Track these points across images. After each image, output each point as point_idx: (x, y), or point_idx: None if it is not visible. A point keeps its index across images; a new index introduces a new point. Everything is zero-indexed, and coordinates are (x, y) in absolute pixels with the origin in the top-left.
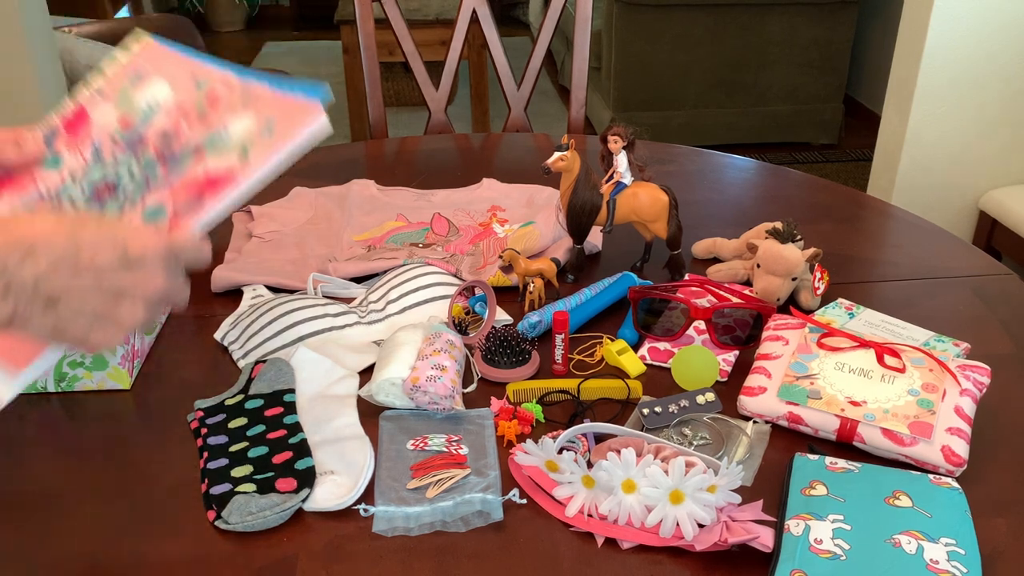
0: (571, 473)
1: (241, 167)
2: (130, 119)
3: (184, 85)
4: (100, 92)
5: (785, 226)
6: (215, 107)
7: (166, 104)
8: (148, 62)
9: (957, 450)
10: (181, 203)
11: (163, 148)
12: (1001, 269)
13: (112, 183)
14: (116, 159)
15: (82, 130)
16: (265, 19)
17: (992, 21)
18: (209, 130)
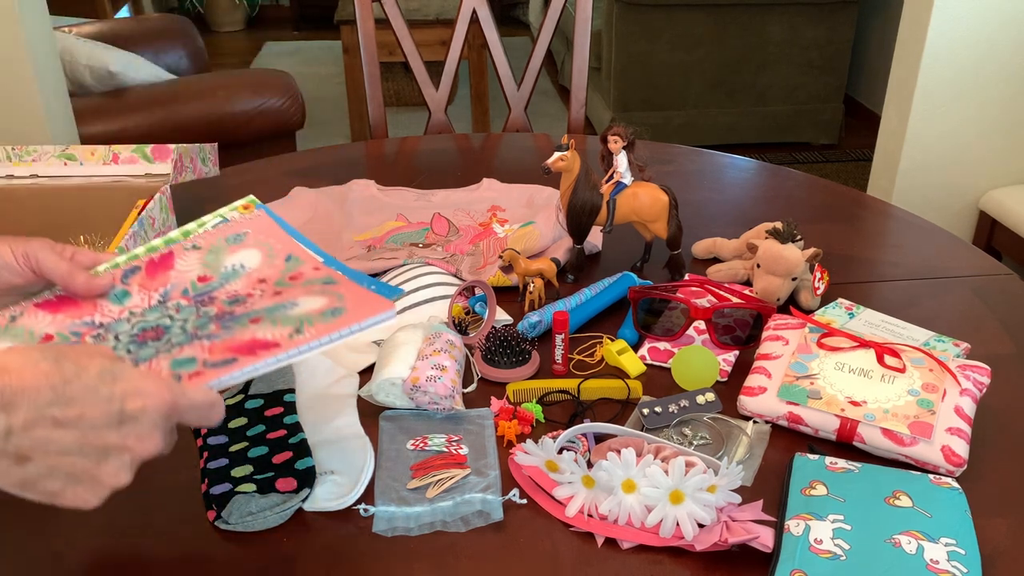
0: (571, 473)
1: (290, 340)
2: (210, 277)
3: (276, 260)
4: (195, 246)
5: (785, 226)
6: (295, 283)
7: (250, 272)
8: (254, 229)
9: (957, 450)
10: (214, 359)
11: (226, 309)
12: (1001, 269)
13: (162, 329)
14: (178, 309)
15: (161, 275)
16: (265, 19)
17: (992, 21)
18: (279, 301)
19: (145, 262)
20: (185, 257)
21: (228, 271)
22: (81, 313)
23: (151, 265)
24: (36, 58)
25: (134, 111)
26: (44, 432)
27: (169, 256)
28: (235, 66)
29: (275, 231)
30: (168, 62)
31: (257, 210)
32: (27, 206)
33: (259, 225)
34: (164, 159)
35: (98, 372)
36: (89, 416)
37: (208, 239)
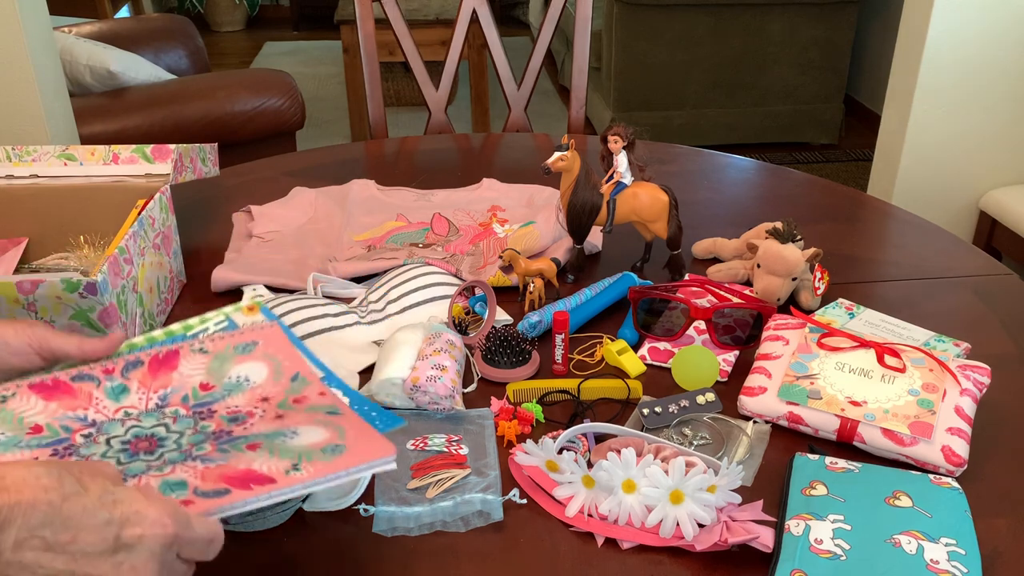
0: (571, 473)
1: (286, 476)
2: (212, 386)
3: (281, 378)
4: (203, 349)
5: (785, 226)
6: (298, 407)
7: (254, 387)
8: (264, 341)
9: (957, 450)
10: (206, 487)
11: (225, 427)
12: (1001, 269)
13: (155, 440)
14: (176, 418)
15: (163, 375)
16: (265, 19)
17: (992, 21)
18: (278, 427)
19: (149, 358)
20: (190, 359)
21: (232, 382)
22: (75, 404)
23: (155, 362)
24: (36, 58)
25: (134, 111)
26: (33, 555)
27: (174, 355)
28: (235, 66)
29: (285, 346)
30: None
31: (269, 321)
32: (27, 206)
33: (270, 337)
34: (164, 159)
35: (99, 493)
36: (82, 541)
37: (217, 344)
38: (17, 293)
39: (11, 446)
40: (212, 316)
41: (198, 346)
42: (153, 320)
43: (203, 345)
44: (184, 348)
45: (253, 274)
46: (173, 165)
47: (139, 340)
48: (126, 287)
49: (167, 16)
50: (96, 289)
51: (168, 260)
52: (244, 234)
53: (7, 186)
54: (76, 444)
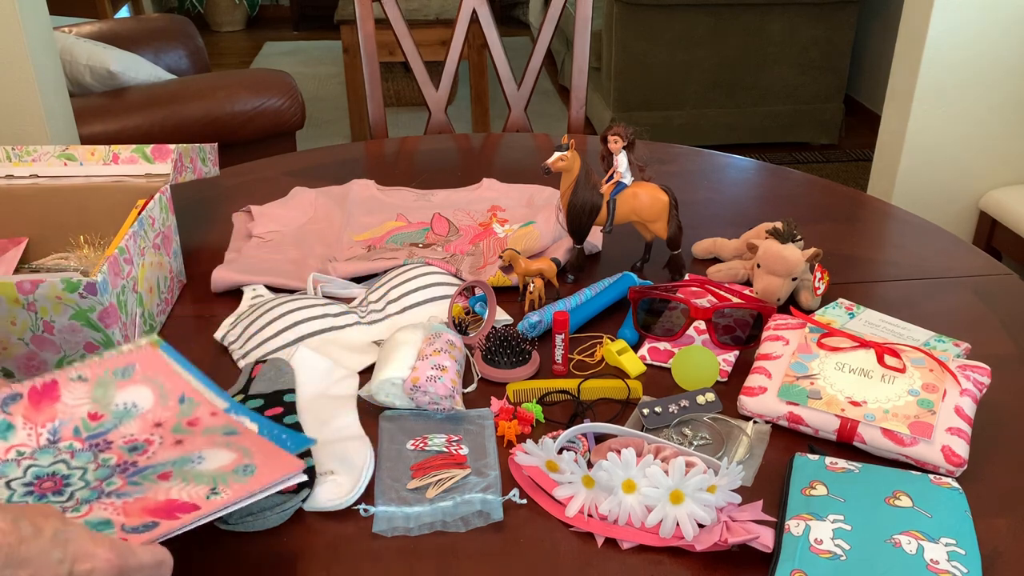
0: (571, 473)
1: (208, 501)
2: (100, 415)
3: (168, 401)
4: (81, 376)
5: (785, 226)
6: (195, 430)
7: (144, 413)
8: (141, 364)
9: (957, 450)
10: (132, 522)
11: (127, 459)
12: (1001, 269)
13: (60, 479)
14: (73, 453)
15: (46, 407)
16: (265, 19)
17: (992, 21)
18: (181, 453)
19: (27, 390)
20: (71, 389)
21: (120, 410)
22: None
23: (34, 394)
24: (36, 58)
25: (134, 111)
26: None
27: (53, 386)
28: (235, 66)
29: (163, 368)
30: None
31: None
32: (27, 206)
33: (146, 360)
34: (164, 159)
35: (52, 534)
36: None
37: (94, 370)
38: (17, 293)
39: None
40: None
41: (75, 374)
42: (153, 320)
43: (80, 372)
44: (62, 377)
45: (253, 274)
46: (173, 165)
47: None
48: (126, 287)
49: (167, 16)
50: (96, 289)
51: (168, 260)
52: (244, 234)
53: (7, 186)
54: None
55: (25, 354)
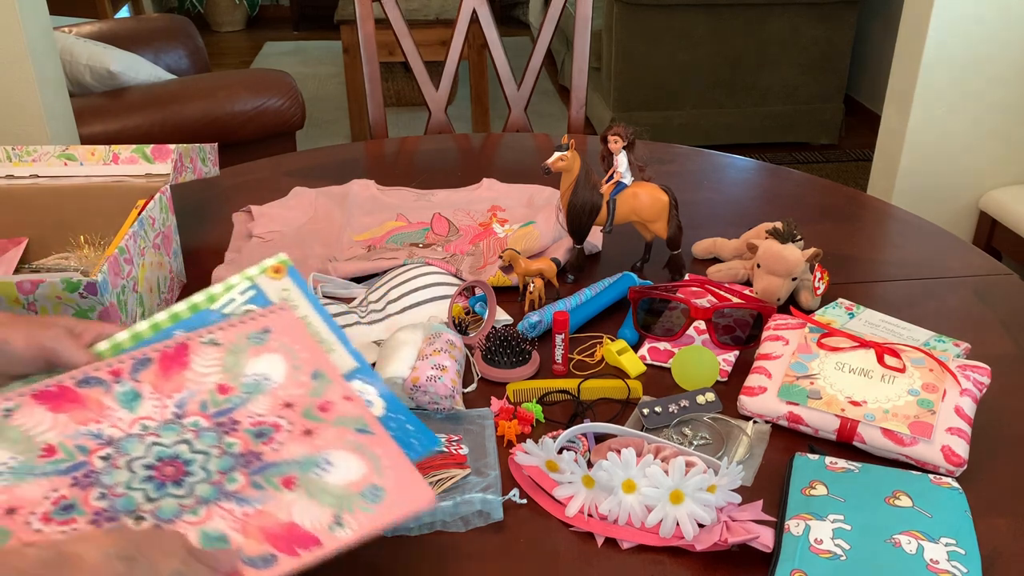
0: (571, 473)
1: (331, 534)
2: (230, 387)
3: (301, 375)
4: (214, 340)
5: (785, 226)
6: (326, 419)
7: (274, 388)
8: (276, 328)
9: (957, 450)
10: (252, 551)
11: (252, 447)
12: (1001, 269)
13: (181, 464)
14: (197, 432)
15: (175, 374)
16: (265, 19)
17: (992, 21)
18: (309, 452)
19: (158, 354)
20: (202, 354)
21: (250, 382)
22: (86, 417)
23: (165, 360)
24: (36, 58)
25: (134, 111)
26: None
27: (184, 350)
28: (235, 66)
29: (299, 332)
30: (168, 62)
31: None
32: (27, 206)
33: (283, 323)
34: (164, 159)
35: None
36: None
37: (228, 335)
38: (17, 293)
39: (25, 474)
40: (236, 282)
41: (208, 337)
42: None
43: (214, 336)
44: (193, 342)
45: None
46: (173, 165)
47: (143, 327)
48: (126, 287)
49: (167, 16)
50: (96, 289)
51: (168, 260)
52: (244, 234)
53: (7, 186)
54: (96, 470)
55: None
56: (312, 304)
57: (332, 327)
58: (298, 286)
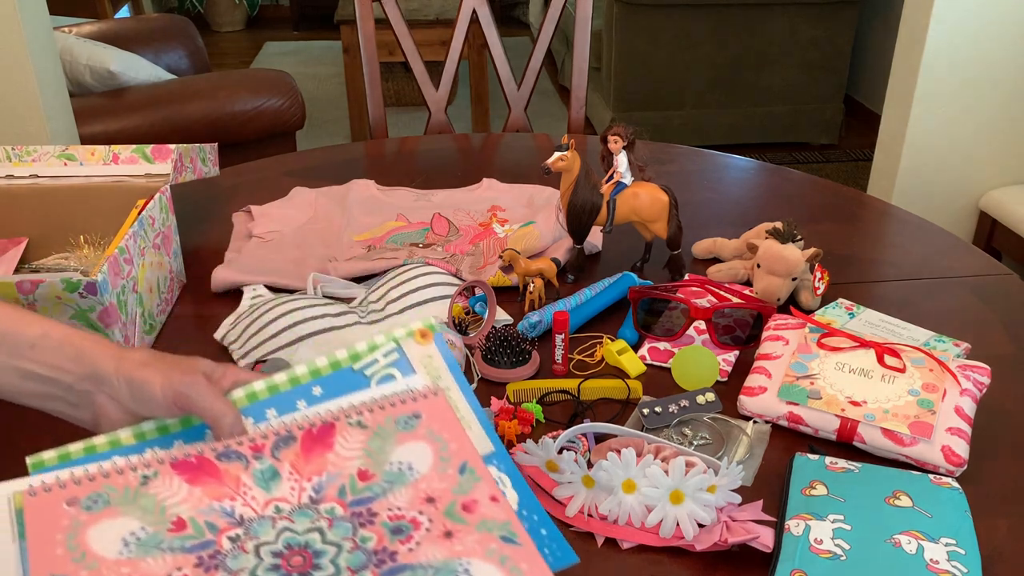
0: (571, 473)
1: None
2: (372, 475)
3: (447, 468)
4: (361, 422)
5: (785, 226)
6: (469, 520)
7: (417, 480)
8: (427, 413)
9: (957, 450)
10: None
11: (387, 544)
12: (1001, 269)
13: (310, 555)
14: (332, 521)
15: (317, 456)
16: (265, 19)
17: (992, 21)
18: (447, 556)
19: (302, 432)
20: (347, 436)
21: (393, 471)
22: (221, 492)
23: (308, 439)
24: (36, 58)
25: (134, 111)
26: None
27: (330, 430)
28: (235, 66)
29: (450, 420)
30: (168, 62)
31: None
32: (27, 206)
33: (434, 409)
34: (164, 159)
35: None
36: None
37: (376, 417)
38: (17, 293)
39: (152, 547)
40: (381, 343)
41: (356, 418)
42: (153, 320)
43: (361, 418)
44: (340, 422)
45: (253, 274)
46: (173, 165)
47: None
48: (126, 287)
49: (167, 16)
50: (96, 289)
51: (168, 260)
52: (244, 234)
53: (7, 186)
54: (223, 551)
55: None
56: (454, 375)
57: (472, 404)
58: (442, 354)
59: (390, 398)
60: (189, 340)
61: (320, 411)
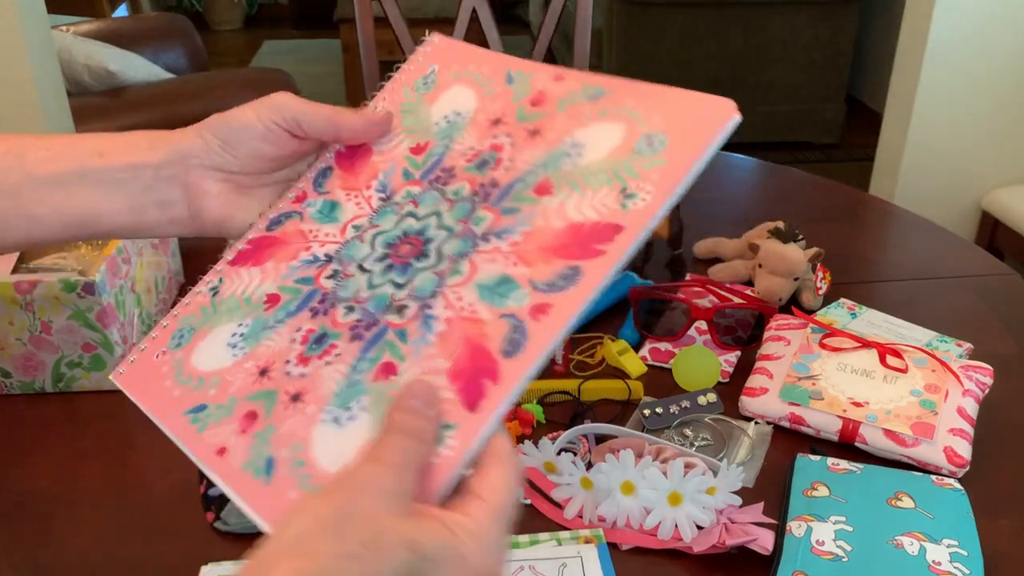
0: (569, 475)
1: (627, 214)
2: (424, 143)
3: (493, 87)
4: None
5: (787, 226)
6: (546, 109)
7: (474, 115)
8: (439, 63)
9: (959, 451)
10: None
11: (481, 180)
12: (1004, 269)
13: (415, 237)
14: (415, 201)
15: (361, 166)
16: (264, 18)
17: (995, 20)
18: (547, 148)
19: (334, 157)
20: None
21: (444, 126)
22: (293, 251)
23: (342, 158)
24: (34, 57)
25: (132, 110)
26: None
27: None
28: (234, 65)
29: (463, 52)
30: (166, 61)
31: (436, 38)
32: None
33: (443, 54)
34: None
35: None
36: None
37: (392, 99)
38: (15, 293)
39: (259, 332)
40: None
41: (378, 107)
42: (151, 320)
43: (378, 106)
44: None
45: None
46: None
47: None
48: (124, 287)
49: (165, 15)
50: (94, 289)
51: (166, 260)
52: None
53: None
54: (329, 291)
55: (23, 354)
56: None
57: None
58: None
59: (397, 75)
60: None
61: None
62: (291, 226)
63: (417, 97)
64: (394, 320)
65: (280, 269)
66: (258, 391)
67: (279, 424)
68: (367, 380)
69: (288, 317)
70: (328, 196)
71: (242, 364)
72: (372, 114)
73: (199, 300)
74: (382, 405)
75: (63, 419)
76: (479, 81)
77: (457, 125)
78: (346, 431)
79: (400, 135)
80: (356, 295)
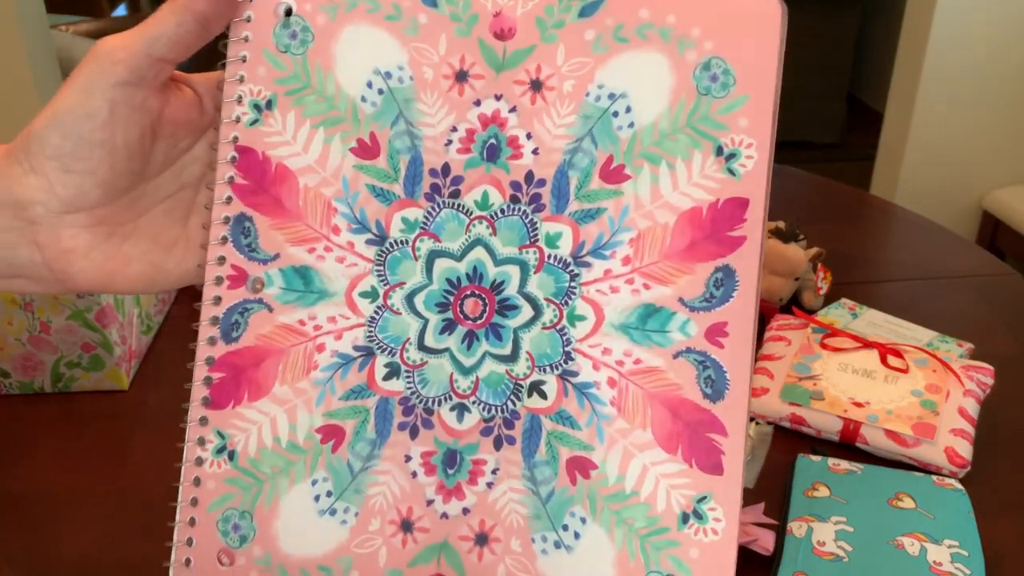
0: None
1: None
2: (368, 133)
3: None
4: None
5: (787, 225)
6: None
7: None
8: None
9: (961, 451)
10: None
11: (511, 177)
12: (1005, 269)
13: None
14: (430, 230)
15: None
16: None
17: (996, 19)
18: (574, 105)
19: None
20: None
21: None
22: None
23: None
24: (33, 57)
25: None
26: None
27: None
28: None
29: None
30: None
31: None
32: None
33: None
34: None
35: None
36: None
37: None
38: (14, 293)
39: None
40: None
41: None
42: (150, 320)
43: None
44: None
45: None
46: None
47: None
48: None
49: None
50: None
51: None
52: None
53: None
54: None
55: (22, 354)
56: None
57: None
58: None
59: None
60: (188, 340)
61: None
62: (262, 323)
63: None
64: (539, 405)
65: (305, 391)
66: (424, 549)
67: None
68: (564, 488)
69: (378, 449)
70: (280, 262)
71: (364, 527)
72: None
73: (215, 473)
74: (604, 509)
75: (62, 419)
76: (381, 12)
77: (401, 94)
78: (578, 553)
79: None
80: (450, 390)
